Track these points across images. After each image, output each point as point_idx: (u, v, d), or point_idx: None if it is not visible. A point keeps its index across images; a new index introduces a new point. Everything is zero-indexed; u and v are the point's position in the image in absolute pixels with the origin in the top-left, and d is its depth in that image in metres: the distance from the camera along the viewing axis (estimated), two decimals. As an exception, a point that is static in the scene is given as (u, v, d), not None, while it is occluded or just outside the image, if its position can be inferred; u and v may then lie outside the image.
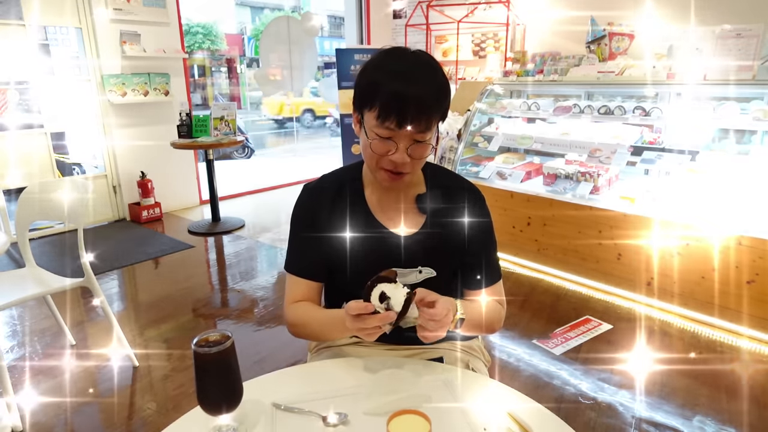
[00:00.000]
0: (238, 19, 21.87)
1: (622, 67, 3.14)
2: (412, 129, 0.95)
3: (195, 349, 0.83)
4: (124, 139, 4.60)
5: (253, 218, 4.83)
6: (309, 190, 1.17)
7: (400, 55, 0.99)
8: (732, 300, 2.52)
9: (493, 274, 1.16)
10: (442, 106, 0.99)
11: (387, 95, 0.94)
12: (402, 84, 0.94)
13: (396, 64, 0.98)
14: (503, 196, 3.38)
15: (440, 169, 1.20)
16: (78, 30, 4.27)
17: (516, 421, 0.86)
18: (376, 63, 0.99)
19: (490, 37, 5.90)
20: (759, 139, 2.81)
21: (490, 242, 1.17)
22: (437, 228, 1.11)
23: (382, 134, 0.97)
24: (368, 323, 0.89)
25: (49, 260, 3.71)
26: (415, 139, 0.98)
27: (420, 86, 0.94)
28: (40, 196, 2.19)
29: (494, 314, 1.13)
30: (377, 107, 0.96)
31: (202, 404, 0.85)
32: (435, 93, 0.96)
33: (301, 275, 1.14)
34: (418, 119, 0.95)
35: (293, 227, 1.17)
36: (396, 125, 0.95)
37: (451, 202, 1.13)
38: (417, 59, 0.99)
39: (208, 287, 3.32)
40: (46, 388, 2.19)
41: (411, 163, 1.00)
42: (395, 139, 0.98)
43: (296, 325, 1.12)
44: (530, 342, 2.51)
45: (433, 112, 0.97)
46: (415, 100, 0.94)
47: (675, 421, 1.93)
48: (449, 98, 1.01)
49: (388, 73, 0.96)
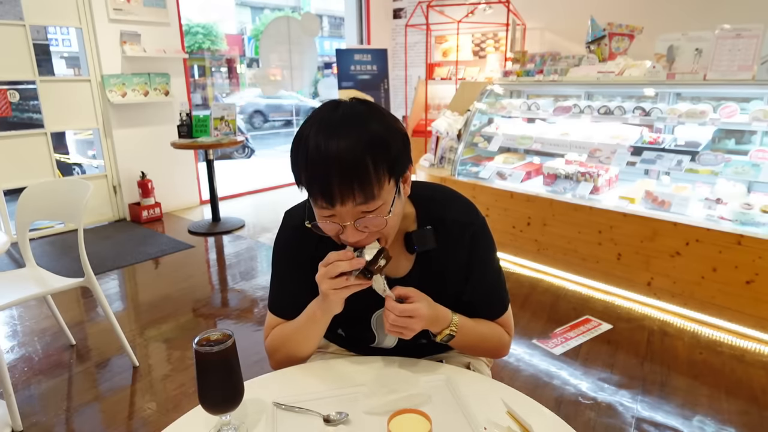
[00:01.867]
0: (238, 19, 21.87)
1: (622, 67, 3.14)
2: (349, 203, 0.81)
3: (196, 348, 0.83)
4: (124, 139, 4.60)
5: (253, 218, 4.84)
6: (288, 228, 1.05)
7: (323, 114, 0.84)
8: (732, 300, 2.52)
9: (497, 307, 1.09)
10: (380, 162, 0.81)
11: (307, 167, 0.81)
12: (321, 149, 0.79)
13: (317, 127, 0.82)
14: (503, 196, 3.38)
15: (434, 197, 1.05)
16: (78, 30, 4.28)
17: (516, 421, 0.86)
18: (301, 129, 0.85)
19: (490, 37, 5.91)
20: (759, 140, 2.81)
21: (489, 276, 1.07)
22: (429, 267, 1.03)
23: (323, 214, 0.85)
24: (338, 265, 0.85)
25: (49, 260, 3.71)
26: (361, 211, 0.83)
27: (343, 146, 0.78)
28: (40, 196, 2.20)
29: (495, 337, 1.08)
30: (305, 184, 0.84)
31: (203, 403, 0.85)
32: (366, 149, 0.79)
33: (283, 316, 1.08)
34: (349, 189, 0.79)
35: (275, 266, 1.08)
36: (327, 203, 0.82)
37: (445, 237, 1.01)
38: (343, 113, 0.83)
39: (208, 287, 3.32)
40: (46, 388, 2.19)
41: (373, 234, 0.88)
42: (338, 219, 0.84)
43: (273, 350, 1.07)
44: (530, 342, 2.51)
45: (368, 176, 0.80)
46: (339, 166, 0.78)
47: (675, 421, 1.94)
48: (396, 149, 0.84)
49: (307, 138, 0.81)
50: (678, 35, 2.88)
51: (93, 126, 4.49)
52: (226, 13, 20.63)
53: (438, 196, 1.07)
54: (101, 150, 4.57)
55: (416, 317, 0.91)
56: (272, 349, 1.08)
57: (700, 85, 2.80)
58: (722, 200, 2.64)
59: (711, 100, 2.85)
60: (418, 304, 0.92)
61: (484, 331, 1.06)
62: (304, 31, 5.80)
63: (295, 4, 21.52)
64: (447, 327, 0.99)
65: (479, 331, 1.05)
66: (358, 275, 0.88)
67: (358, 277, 0.88)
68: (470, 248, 1.03)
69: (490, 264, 1.08)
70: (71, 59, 13.94)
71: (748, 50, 2.57)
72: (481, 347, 1.10)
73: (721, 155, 2.69)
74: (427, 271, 1.03)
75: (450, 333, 0.99)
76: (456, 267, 1.04)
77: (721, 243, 2.50)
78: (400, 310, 0.90)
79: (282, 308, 1.08)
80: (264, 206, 5.40)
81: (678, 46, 2.88)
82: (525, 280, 3.26)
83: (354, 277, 0.88)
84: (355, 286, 0.89)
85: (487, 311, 1.08)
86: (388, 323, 0.92)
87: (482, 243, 1.05)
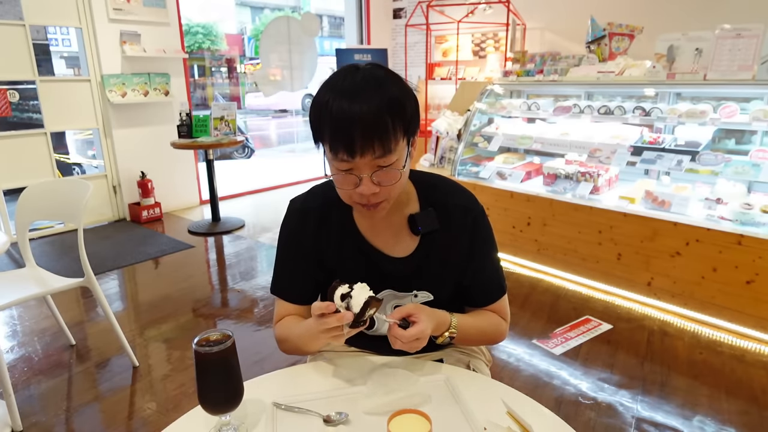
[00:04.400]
0: (238, 19, 21.88)
1: (622, 67, 3.14)
2: (369, 155, 0.87)
3: (196, 348, 0.83)
4: (123, 139, 4.60)
5: (253, 218, 4.84)
6: (295, 212, 1.10)
7: (344, 77, 0.89)
8: (732, 300, 2.52)
9: (495, 291, 1.11)
10: (398, 121, 0.88)
11: (331, 125, 0.86)
12: (345, 109, 0.85)
13: (339, 88, 0.88)
14: (503, 196, 3.38)
15: (435, 184, 1.10)
16: (78, 30, 4.28)
17: (516, 421, 0.86)
18: (321, 90, 0.91)
19: (490, 37, 5.90)
20: (759, 139, 2.81)
21: (489, 259, 1.10)
22: (432, 249, 1.05)
23: (341, 167, 0.90)
24: (327, 323, 0.88)
25: (49, 260, 3.71)
26: (378, 165, 0.89)
27: (366, 106, 0.84)
28: (40, 196, 2.19)
29: (493, 328, 1.10)
30: (327, 140, 0.89)
31: (202, 403, 0.85)
32: (385, 108, 0.86)
33: (288, 300, 1.10)
34: (370, 143, 0.86)
35: (280, 249, 1.11)
36: (348, 155, 0.87)
37: (447, 221, 1.05)
38: (363, 77, 0.88)
39: (208, 287, 3.32)
40: (46, 388, 2.19)
41: (384, 191, 0.92)
42: (356, 171, 0.89)
43: (281, 340, 1.09)
44: (530, 342, 2.51)
45: (387, 132, 0.86)
46: (362, 122, 0.84)
47: (675, 421, 1.93)
48: (410, 111, 0.91)
49: (331, 99, 0.87)
50: (678, 35, 2.88)
51: (93, 126, 4.49)
52: (226, 13, 20.65)
53: (439, 183, 1.11)
54: (101, 150, 4.57)
55: (422, 338, 0.92)
56: (280, 338, 1.09)
57: (700, 85, 2.80)
58: (722, 200, 2.64)
59: (711, 100, 2.85)
60: (423, 324, 0.92)
61: (482, 324, 1.08)
62: (304, 31, 5.80)
63: (295, 4, 21.53)
64: (447, 330, 1.01)
65: (478, 326, 1.07)
66: (351, 326, 0.89)
67: (352, 326, 0.89)
68: (472, 232, 1.07)
69: (490, 249, 1.11)
70: (71, 59, 13.94)
71: (748, 50, 2.56)
72: (481, 339, 1.13)
73: (721, 155, 2.69)
74: (429, 252, 1.06)
75: (450, 335, 1.01)
76: (457, 249, 1.07)
77: (721, 243, 2.50)
78: (407, 337, 0.90)
79: (282, 289, 1.11)
80: (264, 206, 5.40)
81: (678, 46, 2.88)
82: (525, 280, 3.26)
83: (347, 328, 0.89)
84: (348, 334, 0.91)
85: (487, 295, 1.11)
86: (396, 346, 0.92)
87: (483, 228, 1.09)
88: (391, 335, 0.92)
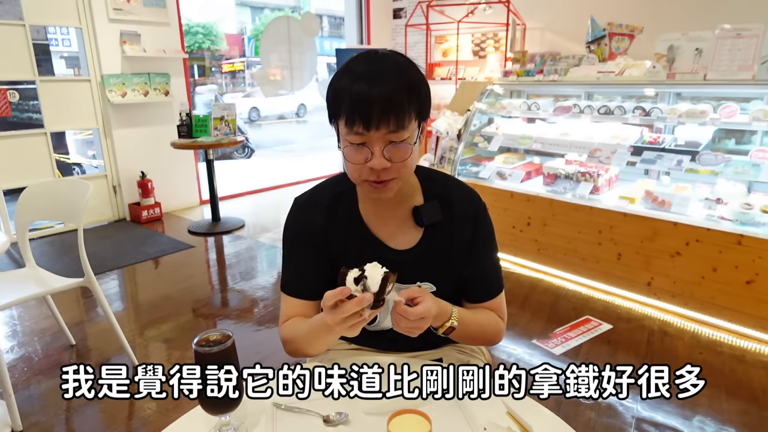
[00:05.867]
0: (238, 19, 21.88)
1: (622, 67, 3.14)
2: (383, 129, 0.91)
3: (196, 348, 0.83)
4: (123, 139, 4.60)
5: (253, 218, 4.84)
6: (300, 205, 1.12)
7: (366, 59, 0.95)
8: (732, 300, 2.52)
9: (494, 287, 1.13)
10: (413, 102, 0.93)
11: (350, 98, 0.90)
12: (365, 85, 0.90)
13: (360, 68, 0.93)
14: (503, 196, 3.38)
15: (438, 178, 1.14)
16: (78, 30, 4.27)
17: (516, 421, 0.87)
18: (341, 70, 0.95)
19: (490, 37, 5.90)
20: (759, 139, 2.81)
21: (490, 254, 1.13)
22: (435, 241, 1.07)
23: (354, 140, 0.93)
24: (346, 310, 0.85)
25: (49, 260, 3.71)
26: (390, 140, 0.92)
27: (385, 85, 0.90)
28: (40, 196, 2.19)
29: (491, 325, 1.11)
30: (344, 114, 0.92)
31: (202, 403, 0.85)
32: (403, 89, 0.91)
33: (297, 296, 1.10)
34: (386, 117, 0.90)
35: (286, 246, 1.12)
36: (364, 128, 0.91)
37: (450, 213, 1.08)
38: (384, 60, 0.94)
39: (208, 287, 3.32)
40: (45, 388, 2.19)
41: (394, 168, 0.95)
42: (369, 144, 0.93)
43: (287, 341, 1.07)
44: (530, 342, 2.51)
45: (403, 109, 0.91)
46: (380, 98, 0.89)
47: (675, 421, 1.93)
48: (424, 95, 0.96)
49: (351, 77, 0.92)
50: (678, 35, 2.88)
51: (93, 126, 4.49)
52: (226, 13, 20.65)
53: (443, 178, 1.15)
54: (101, 150, 4.57)
55: (427, 317, 0.92)
56: (286, 339, 1.08)
57: (700, 85, 2.80)
58: (722, 200, 2.64)
59: (711, 100, 2.85)
60: (428, 303, 0.92)
61: (481, 319, 1.09)
62: (304, 31, 5.80)
63: (295, 4, 21.53)
64: (448, 320, 1.00)
65: (477, 320, 1.08)
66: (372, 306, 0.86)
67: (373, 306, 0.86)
68: (475, 225, 1.10)
69: (491, 244, 1.13)
70: (71, 59, 13.94)
71: (748, 50, 2.56)
72: (480, 336, 1.12)
73: (721, 155, 2.69)
74: (433, 244, 1.08)
75: (451, 325, 1.00)
76: (460, 242, 1.09)
77: (721, 243, 2.50)
78: (415, 315, 0.89)
79: (293, 287, 1.10)
80: (264, 206, 5.40)
81: (678, 46, 2.88)
82: (525, 280, 3.26)
83: (368, 311, 0.86)
84: (370, 316, 0.89)
85: (487, 288, 1.12)
86: (400, 326, 0.92)
87: (486, 222, 1.12)
88: (396, 313, 0.91)
